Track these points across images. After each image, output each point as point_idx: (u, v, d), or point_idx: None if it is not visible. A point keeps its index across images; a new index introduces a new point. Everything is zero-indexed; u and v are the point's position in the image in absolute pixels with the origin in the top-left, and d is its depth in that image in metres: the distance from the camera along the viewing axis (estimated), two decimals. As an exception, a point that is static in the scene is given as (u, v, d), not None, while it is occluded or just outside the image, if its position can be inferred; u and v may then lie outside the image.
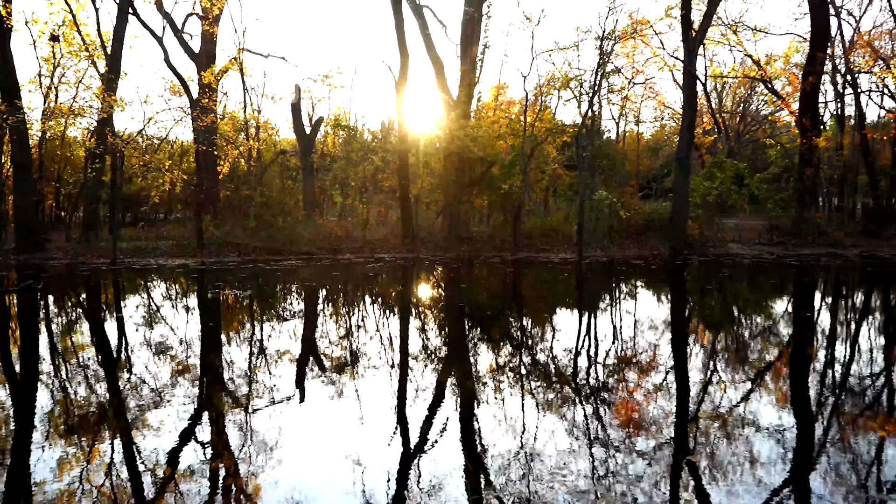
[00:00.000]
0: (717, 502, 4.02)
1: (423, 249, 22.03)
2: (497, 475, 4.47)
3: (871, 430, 5.43)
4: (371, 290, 14.76)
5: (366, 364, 7.66)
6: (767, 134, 43.16)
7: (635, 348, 8.80)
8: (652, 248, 22.61)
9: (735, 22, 32.49)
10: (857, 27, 32.04)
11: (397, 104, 23.57)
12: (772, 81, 33.86)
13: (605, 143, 42.45)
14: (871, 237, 25.96)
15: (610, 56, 26.11)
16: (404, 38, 22.99)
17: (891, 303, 13.31)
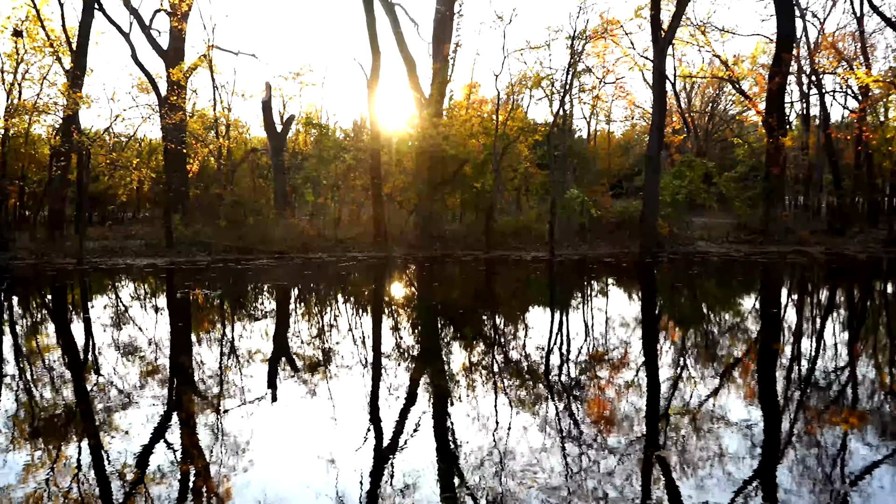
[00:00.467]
0: (688, 497, 4.08)
1: (395, 248, 21.99)
2: (470, 473, 4.48)
3: (835, 423, 5.55)
4: (343, 290, 14.69)
5: (338, 363, 7.63)
6: (735, 133, 43.85)
7: (606, 346, 8.87)
8: (623, 247, 22.83)
9: (703, 23, 32.94)
10: (822, 29, 32.70)
11: (369, 102, 23.49)
12: (739, 82, 34.37)
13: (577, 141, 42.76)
14: (835, 235, 26.51)
15: (581, 55, 26.31)
16: (376, 36, 22.91)
17: (854, 299, 13.61)
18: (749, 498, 4.08)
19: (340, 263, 18.64)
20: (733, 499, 4.04)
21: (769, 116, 26.35)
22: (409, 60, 24.49)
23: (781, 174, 27.21)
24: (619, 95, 38.91)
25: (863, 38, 30.62)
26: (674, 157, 34.65)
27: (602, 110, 44.01)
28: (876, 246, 24.26)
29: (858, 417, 5.67)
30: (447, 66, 24.72)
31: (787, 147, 27.65)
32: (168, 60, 25.69)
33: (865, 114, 30.06)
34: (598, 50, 31.07)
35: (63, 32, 24.17)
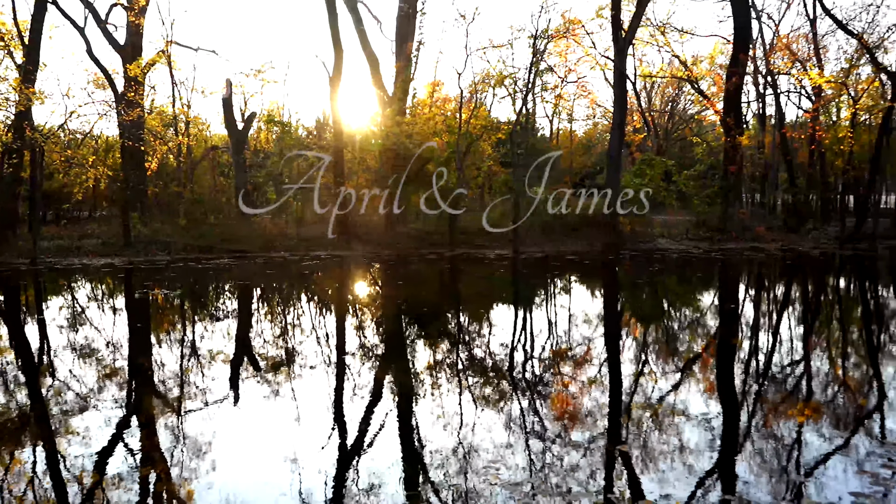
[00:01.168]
0: (649, 490, 4.14)
1: (359, 246, 21.88)
2: (435, 471, 4.48)
3: (791, 416, 5.69)
4: (307, 289, 14.57)
5: (302, 363, 7.56)
6: (694, 132, 44.62)
7: (570, 342, 8.96)
8: (586, 244, 23.06)
9: (663, 23, 33.42)
10: (777, 31, 33.47)
11: (332, 100, 23.31)
12: (698, 81, 34.97)
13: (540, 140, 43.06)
14: (790, 232, 27.15)
15: (543, 54, 26.49)
16: (338, 33, 22.74)
17: (808, 294, 13.96)
18: (709, 490, 4.16)
19: (304, 262, 18.48)
20: (694, 491, 4.12)
21: (727, 116, 26.86)
22: (372, 58, 24.37)
23: (738, 172, 27.78)
24: (581, 94, 39.27)
25: (815, 39, 31.41)
26: (634, 156, 35.11)
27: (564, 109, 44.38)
28: (829, 242, 24.93)
29: (813, 409, 5.82)
30: (410, 65, 24.66)
31: (744, 146, 28.23)
32: (125, 56, 25.14)
33: (818, 114, 30.85)
34: (561, 49, 31.31)
35: (14, 26, 23.47)
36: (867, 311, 11.75)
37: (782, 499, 3.97)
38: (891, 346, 8.70)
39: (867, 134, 30.92)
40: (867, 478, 4.21)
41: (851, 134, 29.41)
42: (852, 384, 6.74)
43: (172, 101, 27.48)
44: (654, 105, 45.01)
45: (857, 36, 27.17)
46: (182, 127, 28.06)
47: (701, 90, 34.84)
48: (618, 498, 4.01)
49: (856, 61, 29.88)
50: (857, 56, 29.08)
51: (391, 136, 22.11)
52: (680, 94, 44.36)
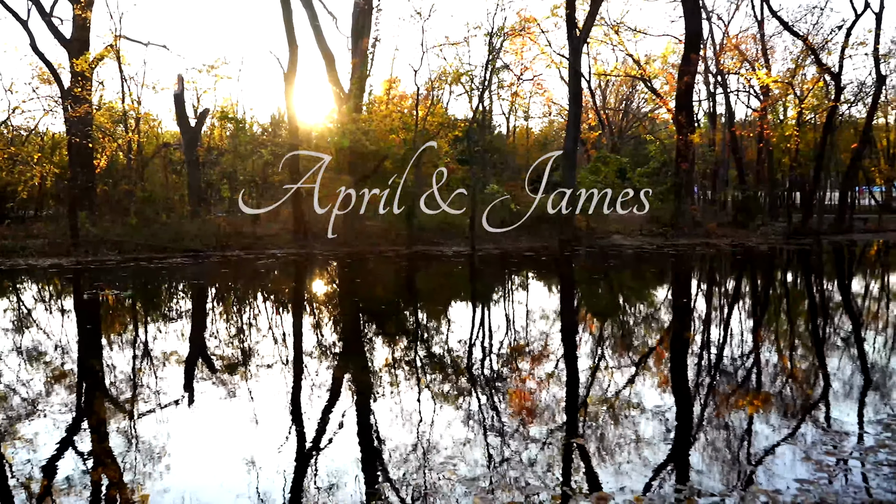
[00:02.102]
0: (606, 482, 4.20)
1: (316, 244, 21.70)
2: (394, 468, 4.47)
3: (741, 406, 5.84)
4: (263, 287, 14.39)
5: (258, 363, 7.47)
6: (647, 130, 45.37)
7: (527, 337, 9.04)
8: (542, 240, 23.27)
9: (617, 23, 33.91)
10: (726, 31, 34.26)
11: (287, 96, 23.04)
12: (651, 80, 35.59)
13: (496, 137, 43.27)
14: (739, 227, 27.87)
15: (499, 52, 26.62)
16: (293, 28, 22.49)
17: (757, 288, 14.35)
18: (664, 480, 4.24)
19: (259, 261, 18.24)
20: (649, 482, 4.19)
21: (679, 114, 27.43)
22: (328, 54, 24.16)
23: (690, 170, 28.41)
24: (537, 92, 39.57)
25: (763, 40, 32.27)
26: (590, 153, 35.58)
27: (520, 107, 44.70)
28: (777, 237, 25.66)
29: (762, 400, 5.99)
30: (366, 61, 24.52)
31: (696, 144, 28.87)
32: (71, 50, 24.41)
33: (766, 112, 31.70)
34: (517, 47, 31.53)
35: (-47, 18, 22.61)
36: (812, 303, 12.13)
37: (733, 487, 4.07)
38: (834, 338, 9.00)
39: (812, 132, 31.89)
40: (812, 465, 4.35)
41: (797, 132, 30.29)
42: (799, 375, 6.95)
43: (122, 97, 26.86)
44: (608, 103, 45.64)
45: (803, 37, 27.99)
46: (132, 123, 27.42)
47: (654, 89, 35.46)
48: (575, 490, 4.07)
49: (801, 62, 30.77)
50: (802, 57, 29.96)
51: (347, 133, 21.96)
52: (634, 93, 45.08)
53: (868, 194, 43.74)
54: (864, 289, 13.83)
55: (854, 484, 4.07)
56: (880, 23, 26.61)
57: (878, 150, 40.81)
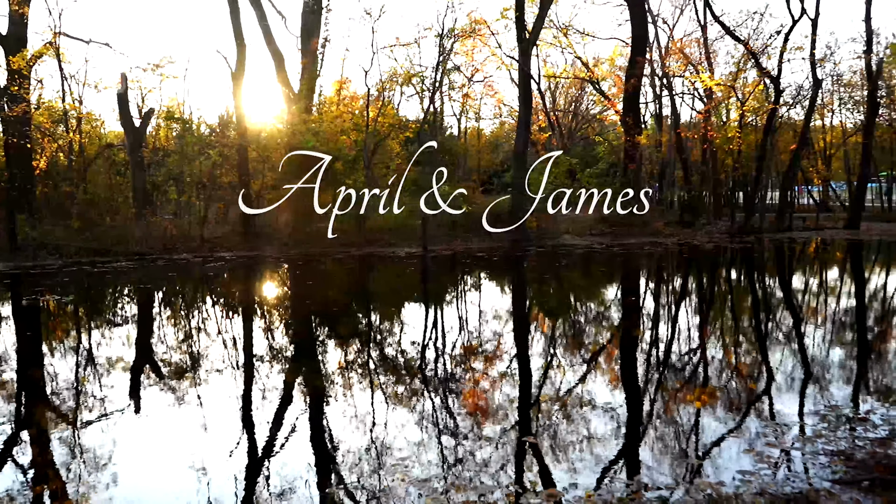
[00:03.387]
0: (559, 479, 4.26)
1: (266, 247, 21.40)
2: (347, 472, 4.45)
3: (689, 402, 5.99)
4: (212, 291, 14.13)
5: (208, 368, 7.33)
6: (596, 131, 46.07)
7: (479, 338, 9.09)
8: (494, 241, 23.41)
9: (566, 25, 34.36)
10: (671, 35, 35.07)
11: (235, 96, 22.67)
12: (599, 83, 36.16)
13: (448, 138, 43.35)
14: (685, 227, 28.53)
15: (450, 54, 26.71)
16: (240, 27, 22.15)
17: (703, 285, 14.73)
18: (614, 475, 4.32)
19: (207, 264, 17.89)
20: (600, 477, 4.27)
21: (626, 116, 27.94)
22: (277, 54, 23.85)
23: (638, 170, 28.97)
24: (488, 94, 39.82)
25: (706, 44, 33.10)
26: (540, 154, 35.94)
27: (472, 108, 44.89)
28: (721, 236, 26.37)
29: (709, 394, 6.15)
30: (316, 61, 24.30)
31: (643, 145, 29.46)
32: (7, 47, 23.52)
33: (710, 114, 32.52)
34: (467, 49, 31.64)
35: None
36: (755, 299, 12.51)
37: (680, 481, 4.17)
38: (776, 333, 9.30)
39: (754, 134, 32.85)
40: (754, 456, 4.49)
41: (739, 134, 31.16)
42: (743, 369, 7.16)
43: (62, 96, 26.02)
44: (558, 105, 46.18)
45: (744, 42, 28.82)
46: (73, 123, 26.59)
47: (602, 91, 36.04)
48: (527, 489, 4.11)
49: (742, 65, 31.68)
50: (743, 61, 30.84)
51: (297, 134, 21.72)
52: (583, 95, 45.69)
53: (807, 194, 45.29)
54: (803, 285, 14.32)
55: (793, 473, 4.21)
56: (816, 29, 27.57)
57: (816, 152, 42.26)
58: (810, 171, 41.42)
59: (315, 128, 22.00)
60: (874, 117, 31.06)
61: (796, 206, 38.26)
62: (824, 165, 42.15)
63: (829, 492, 3.86)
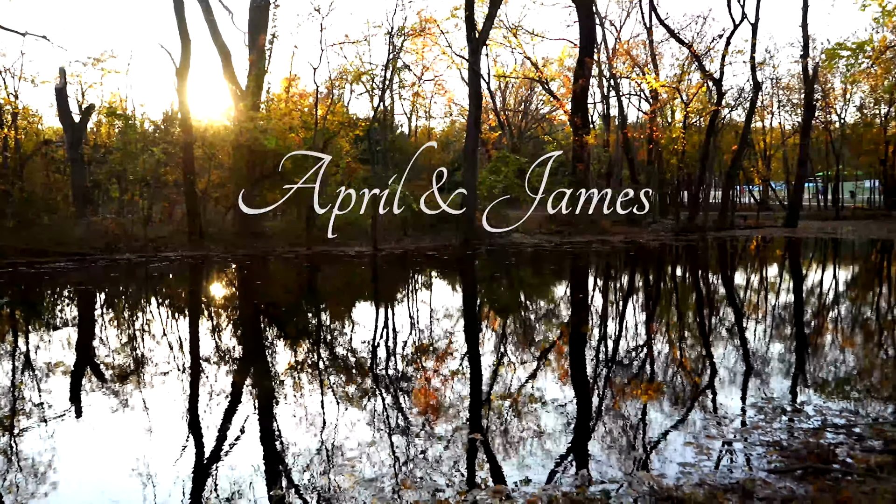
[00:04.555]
0: (510, 475, 4.30)
1: (212, 247, 20.99)
2: (296, 473, 4.41)
3: (636, 396, 6.12)
4: (156, 292, 13.79)
5: (152, 371, 7.16)
6: (546, 131, 46.63)
7: (430, 336, 9.11)
8: (445, 240, 23.47)
9: (515, 26, 34.66)
10: (618, 37, 35.66)
11: (180, 93, 22.16)
12: (548, 83, 36.59)
13: (398, 137, 43.28)
14: (632, 225, 29.11)
15: (400, 52, 26.65)
16: (185, 22, 21.65)
17: (649, 282, 15.05)
18: (565, 470, 4.38)
19: (151, 264, 17.45)
20: (551, 473, 4.33)
21: (574, 116, 28.34)
22: (224, 50, 23.42)
23: (586, 170, 29.41)
24: (438, 92, 39.89)
25: (652, 46, 33.79)
26: (490, 153, 36.16)
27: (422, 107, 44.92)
28: (666, 234, 27.00)
29: (655, 389, 6.30)
30: (264, 58, 23.94)
31: (591, 144, 29.90)
32: (-63, 39, 22.59)
33: (655, 115, 33.25)
34: (418, 47, 31.63)
35: None
36: (698, 295, 12.85)
37: (625, 474, 4.26)
38: (719, 328, 9.57)
39: (697, 135, 33.72)
40: (694, 449, 4.62)
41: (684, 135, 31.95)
42: (687, 364, 7.35)
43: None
44: (508, 104, 46.55)
45: (688, 45, 29.54)
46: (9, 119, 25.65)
47: (551, 91, 36.47)
48: (478, 485, 4.14)
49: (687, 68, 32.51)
50: (687, 63, 31.65)
51: (245, 131, 21.37)
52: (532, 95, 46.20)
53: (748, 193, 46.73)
54: (744, 281, 14.77)
55: (731, 464, 4.35)
56: (756, 33, 28.45)
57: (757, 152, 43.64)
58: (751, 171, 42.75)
59: (263, 125, 21.68)
60: (811, 119, 32.23)
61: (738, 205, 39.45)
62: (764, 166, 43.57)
63: (764, 481, 4.00)
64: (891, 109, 38.33)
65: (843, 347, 8.13)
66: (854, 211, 40.68)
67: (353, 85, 27.24)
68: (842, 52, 22.08)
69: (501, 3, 24.91)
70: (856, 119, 41.20)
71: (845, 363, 7.35)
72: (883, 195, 42.16)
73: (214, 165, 23.80)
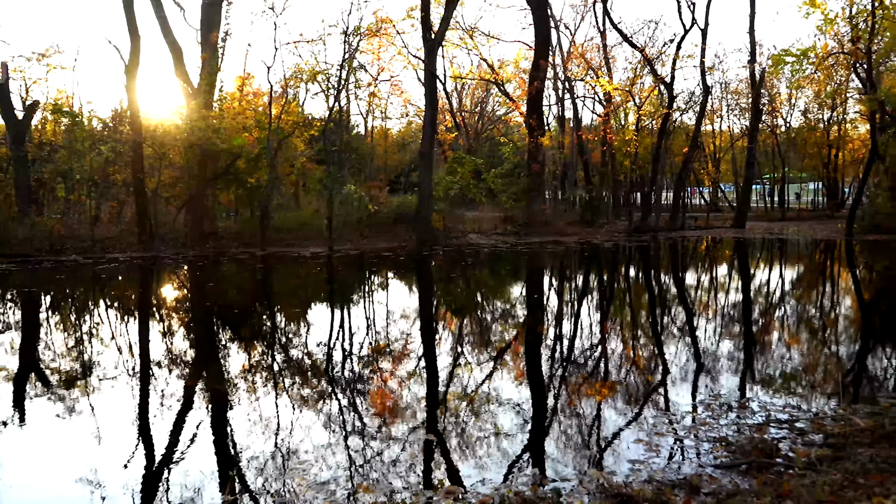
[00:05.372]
0: (467, 476, 4.32)
1: (163, 248, 20.56)
2: (250, 478, 4.35)
3: (590, 396, 6.21)
4: (104, 294, 13.44)
5: (100, 375, 6.97)
6: (502, 132, 46.96)
7: (386, 337, 9.09)
8: (400, 241, 23.43)
9: (472, 27, 34.84)
10: (573, 40, 36.16)
11: (129, 90, 21.63)
12: (504, 84, 36.83)
13: (355, 137, 43.03)
14: (586, 226, 29.53)
15: (356, 52, 26.51)
16: (134, 17, 21.16)
17: (603, 282, 15.27)
18: (519, 469, 4.42)
19: (100, 266, 17.01)
20: (506, 472, 4.36)
21: (530, 117, 28.60)
22: (175, 47, 22.97)
23: (541, 171, 29.71)
24: (395, 93, 39.85)
25: (605, 50, 34.34)
26: (446, 154, 36.26)
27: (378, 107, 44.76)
28: (619, 235, 27.43)
29: (607, 388, 6.39)
30: (217, 55, 23.56)
31: (546, 146, 30.23)
32: None
33: (609, 118, 33.76)
34: (374, 48, 31.53)
35: None
36: (651, 295, 13.10)
37: (577, 472, 4.32)
38: (671, 327, 9.77)
39: (650, 137, 34.35)
40: (644, 446, 4.71)
41: (636, 137, 32.49)
42: (640, 362, 7.48)
43: (-67, 86, 24.08)
44: (464, 106, 46.74)
45: (640, 49, 30.08)
46: (-53, 115, 24.67)
47: (507, 93, 36.73)
48: (433, 486, 4.14)
49: (639, 71, 33.06)
50: (640, 66, 32.19)
51: (197, 130, 20.99)
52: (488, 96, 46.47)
53: (699, 194, 47.79)
54: (695, 281, 15.10)
55: (679, 460, 4.45)
56: (706, 38, 29.13)
57: (707, 155, 44.66)
58: (701, 173, 43.71)
59: (216, 124, 21.31)
60: (758, 123, 33.15)
61: (689, 206, 40.29)
62: (714, 168, 44.60)
63: (710, 476, 4.10)
64: (833, 114, 39.68)
65: (788, 345, 8.38)
66: (799, 212, 41.96)
67: (309, 84, 26.97)
68: (787, 58, 22.78)
69: (457, 4, 24.99)
70: (801, 123, 42.57)
71: (790, 360, 7.58)
72: (825, 197, 43.60)
73: (165, 165, 23.30)
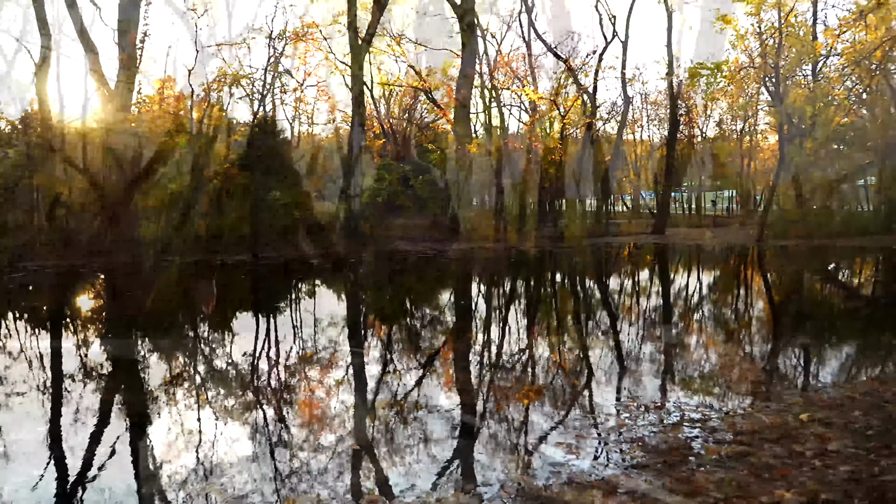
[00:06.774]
0: (396, 484, 4.31)
1: (79, 256, 19.70)
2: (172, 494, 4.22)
3: (516, 401, 6.30)
4: (11, 306, 12.77)
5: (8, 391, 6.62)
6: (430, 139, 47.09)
7: (315, 346, 8.98)
8: (328, 247, 23.19)
9: (399, 34, 34.84)
10: (499, 49, 36.65)
11: (39, 91, 20.70)
12: (432, 92, 36.97)
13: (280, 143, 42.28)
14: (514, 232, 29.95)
15: (281, 56, 26.14)
16: (45, 14, 20.29)
17: (529, 287, 15.54)
18: (450, 476, 4.44)
19: (7, 276, 16.15)
20: (437, 479, 4.37)
21: (457, 125, 28.83)
22: (91, 47, 22.11)
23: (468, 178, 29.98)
24: (322, 98, 39.43)
25: (531, 60, 34.98)
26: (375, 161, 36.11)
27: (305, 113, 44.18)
28: (544, 241, 27.98)
29: (536, 392, 6.51)
30: (135, 57, 22.80)
31: (473, 153, 30.51)
32: None
33: (535, 126, 34.39)
34: (300, 52, 31.17)
35: None
36: (576, 299, 13.41)
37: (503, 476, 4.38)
38: (595, 331, 10.02)
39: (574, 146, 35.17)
40: (564, 449, 4.83)
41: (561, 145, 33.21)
42: (565, 367, 7.64)
43: None
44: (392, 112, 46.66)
45: (564, 59, 30.79)
46: None
47: (435, 100, 36.88)
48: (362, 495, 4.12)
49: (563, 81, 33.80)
50: (564, 77, 32.93)
51: (114, 133, 20.25)
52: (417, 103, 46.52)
53: (621, 202, 49.23)
54: (618, 286, 15.54)
55: (597, 462, 4.58)
56: (626, 50, 30.16)
57: (629, 163, 46.09)
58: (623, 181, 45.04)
59: (134, 128, 20.62)
60: (675, 133, 34.40)
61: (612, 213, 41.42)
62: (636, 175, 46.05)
63: (627, 476, 4.23)
64: (745, 125, 41.62)
65: (704, 346, 8.74)
66: (715, 219, 43.76)
67: (233, 88, 26.41)
68: (702, 70, 23.79)
69: (385, 10, 25.01)
70: (716, 133, 44.43)
71: (705, 361, 7.90)
72: (739, 204, 45.63)
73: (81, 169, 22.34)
